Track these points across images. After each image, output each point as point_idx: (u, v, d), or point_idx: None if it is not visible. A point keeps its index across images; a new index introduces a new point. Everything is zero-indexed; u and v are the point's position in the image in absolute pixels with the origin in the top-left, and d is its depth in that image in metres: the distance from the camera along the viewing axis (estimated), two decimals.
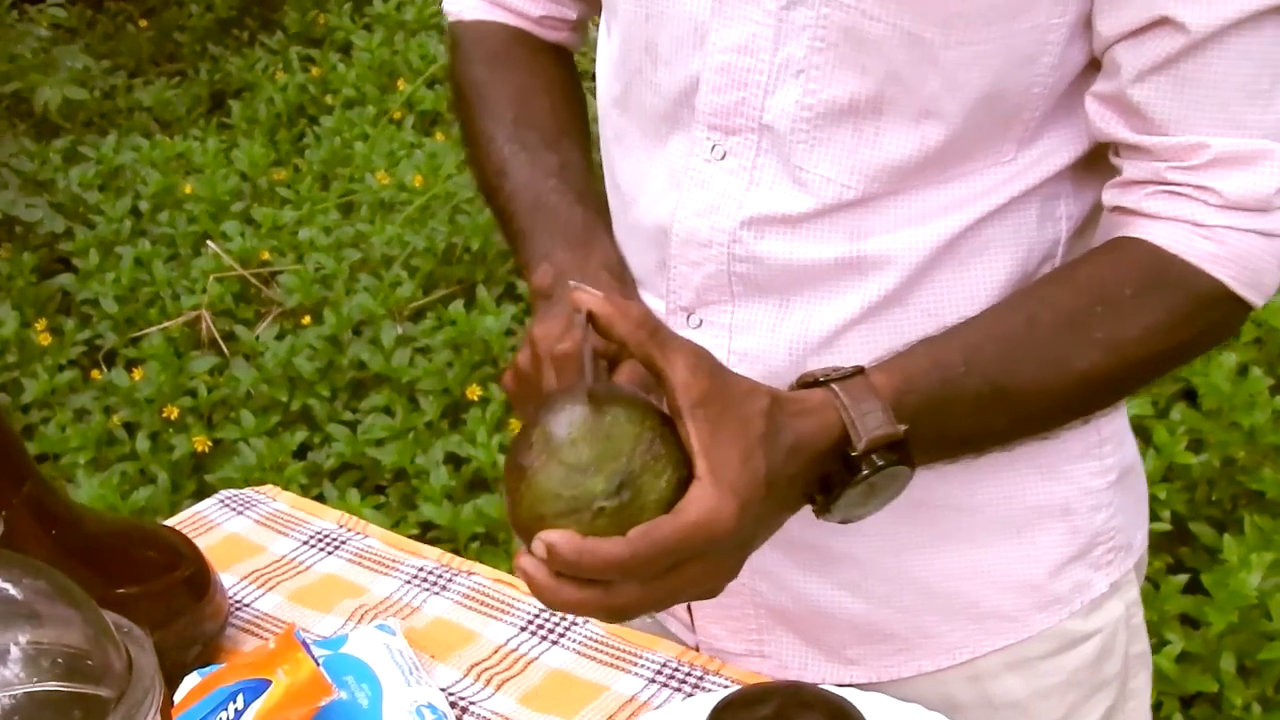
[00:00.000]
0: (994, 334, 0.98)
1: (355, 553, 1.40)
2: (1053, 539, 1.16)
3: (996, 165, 1.04)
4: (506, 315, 3.02)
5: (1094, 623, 1.20)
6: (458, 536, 2.51)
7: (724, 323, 1.10)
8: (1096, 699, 1.23)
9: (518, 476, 0.90)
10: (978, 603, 1.17)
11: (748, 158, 1.06)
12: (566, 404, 0.90)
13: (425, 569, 1.37)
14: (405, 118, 4.30)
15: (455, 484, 2.64)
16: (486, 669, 1.24)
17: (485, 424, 2.72)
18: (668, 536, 0.85)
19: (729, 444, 0.87)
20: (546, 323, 1.06)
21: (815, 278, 1.06)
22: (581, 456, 0.87)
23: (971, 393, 0.96)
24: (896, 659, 1.20)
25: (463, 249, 3.36)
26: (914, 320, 1.06)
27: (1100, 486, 1.17)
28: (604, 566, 0.85)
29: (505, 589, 1.33)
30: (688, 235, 1.09)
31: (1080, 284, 1.00)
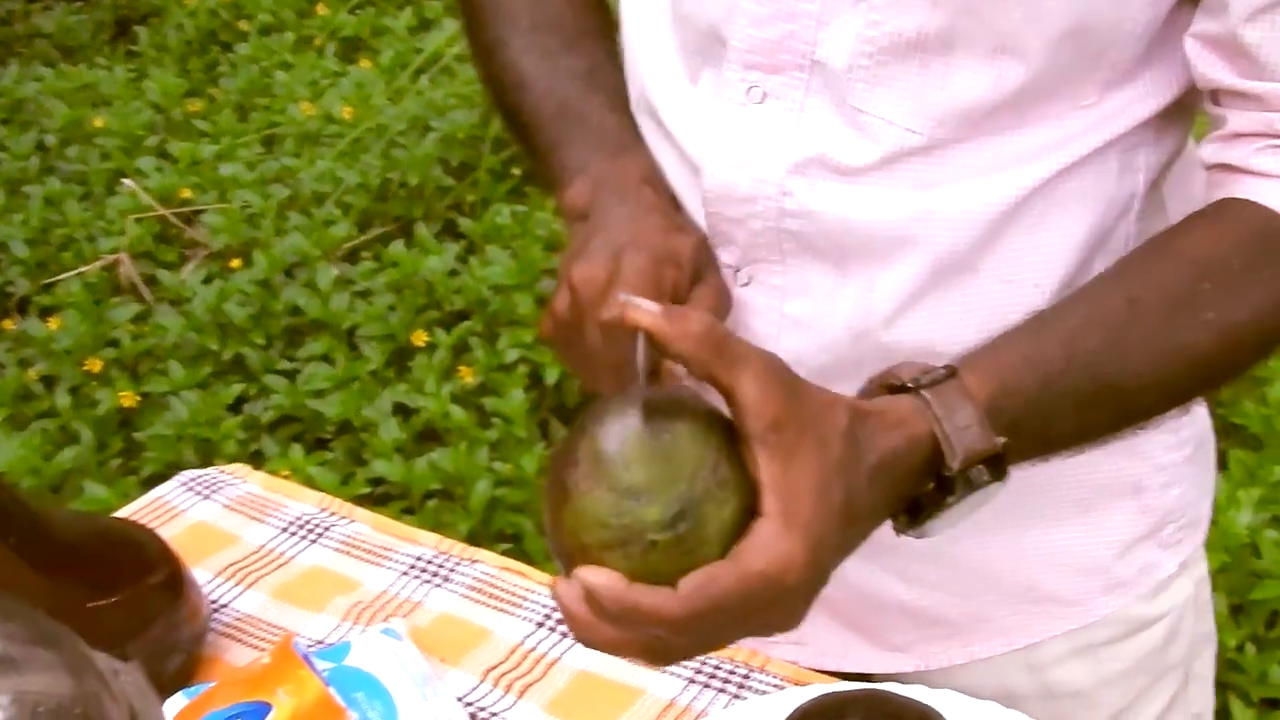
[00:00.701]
0: (1094, 320, 0.86)
1: (342, 540, 1.27)
2: (1122, 519, 1.07)
3: (1078, 110, 0.92)
4: (449, 254, 2.87)
5: (1161, 605, 1.11)
6: (411, 494, 2.39)
7: (775, 284, 0.98)
8: (1162, 685, 1.14)
9: (560, 496, 0.77)
10: (1038, 586, 1.08)
11: (795, 100, 0.93)
12: (619, 414, 0.76)
13: (423, 558, 1.23)
14: (326, 44, 4.11)
15: (405, 436, 2.50)
16: (505, 673, 1.12)
17: (434, 371, 2.59)
18: (728, 590, 0.72)
19: (803, 475, 0.74)
20: (587, 263, 0.93)
21: (876, 238, 0.94)
22: (635, 480, 0.74)
23: (1074, 391, 0.84)
24: (948, 644, 1.10)
25: (399, 184, 3.21)
26: (986, 288, 0.95)
27: (1175, 461, 1.07)
28: (652, 619, 0.73)
29: (514, 579, 1.21)
30: (724, 190, 0.96)
31: (1185, 258, 0.88)
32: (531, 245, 2.80)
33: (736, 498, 0.75)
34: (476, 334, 2.68)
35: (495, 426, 2.48)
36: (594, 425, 0.77)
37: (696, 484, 0.74)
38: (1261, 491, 2.29)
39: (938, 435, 0.79)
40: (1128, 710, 1.12)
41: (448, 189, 3.20)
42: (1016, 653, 1.10)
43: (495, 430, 2.47)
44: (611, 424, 0.76)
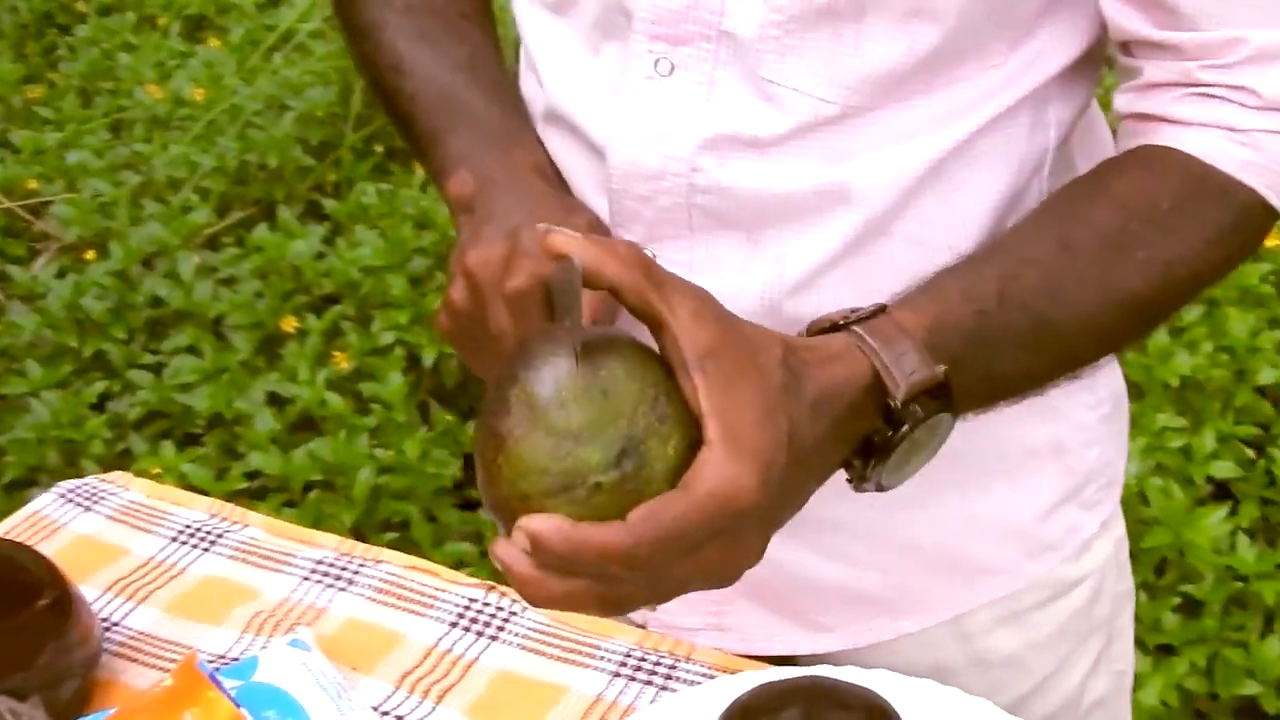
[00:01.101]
0: (1026, 260, 0.84)
1: (236, 547, 1.20)
2: (1045, 481, 1.06)
3: (987, 70, 0.91)
4: (315, 237, 2.79)
5: (1084, 566, 1.10)
6: (291, 486, 2.31)
7: (682, 260, 0.94)
8: (1087, 645, 1.14)
9: (494, 446, 0.72)
10: (965, 556, 1.06)
11: (703, 72, 0.89)
12: (550, 356, 0.72)
13: (324, 561, 1.18)
14: (170, 24, 3.98)
15: (280, 427, 2.43)
16: (421, 678, 1.07)
17: (306, 358, 2.51)
18: (679, 517, 0.69)
19: (745, 401, 0.71)
20: (481, 248, 0.89)
21: (789, 209, 0.91)
22: (573, 421, 0.70)
23: (1011, 328, 0.82)
24: (876, 622, 1.08)
25: (257, 166, 3.11)
26: (899, 252, 0.93)
27: (1093, 420, 1.07)
28: (602, 558, 0.68)
29: (423, 578, 1.16)
30: (631, 167, 0.92)
31: (1114, 198, 0.87)
32: (400, 224, 2.73)
33: (680, 432, 0.71)
34: (349, 318, 2.61)
35: (374, 412, 2.41)
36: (524, 370, 0.73)
37: (638, 420, 0.71)
38: (1146, 440, 2.31)
39: (877, 366, 0.77)
40: (1057, 673, 1.11)
41: (309, 169, 3.11)
42: (945, 625, 1.08)
43: (374, 416, 2.41)
44: (543, 366, 0.72)
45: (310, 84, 3.30)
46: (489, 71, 1.01)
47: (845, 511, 1.01)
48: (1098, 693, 1.14)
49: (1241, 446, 2.27)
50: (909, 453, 0.80)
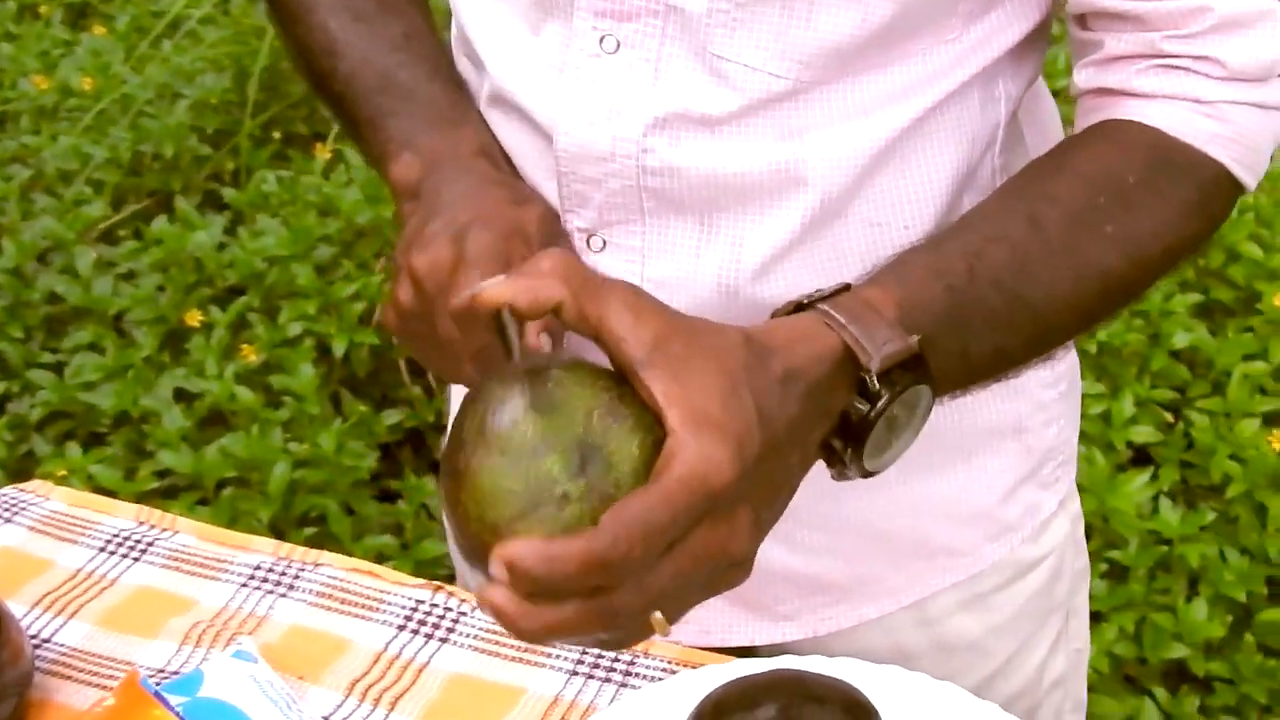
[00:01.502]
0: (995, 236, 0.82)
1: (168, 555, 1.16)
2: (1004, 461, 1.04)
3: (943, 44, 0.89)
4: (216, 227, 2.72)
5: (1044, 546, 1.09)
6: (204, 483, 2.25)
7: (634, 245, 0.92)
8: (1048, 625, 1.13)
9: (455, 484, 0.69)
10: (925, 540, 1.04)
11: (650, 49, 0.87)
12: (498, 387, 0.70)
13: (262, 566, 1.14)
14: (53, 12, 3.87)
15: (189, 424, 2.36)
16: (371, 685, 1.04)
17: (213, 352, 2.45)
18: (652, 508, 0.64)
19: (704, 384, 0.67)
20: (428, 251, 0.85)
21: (744, 190, 0.89)
22: (527, 436, 0.67)
23: (983, 303, 0.80)
24: (836, 610, 1.06)
25: (152, 157, 3.03)
26: (856, 234, 0.91)
27: (1052, 398, 1.06)
28: (583, 568, 0.64)
29: (366, 581, 1.12)
30: (580, 149, 0.89)
31: (1080, 173, 0.85)
32: (304, 212, 2.67)
33: (643, 430, 0.68)
34: (255, 309, 2.55)
35: (286, 405, 2.36)
36: (473, 404, 0.70)
37: (593, 424, 0.67)
38: None
39: (847, 340, 0.73)
40: (1018, 654, 1.10)
41: (206, 158, 3.03)
42: (906, 611, 1.06)
43: (286, 409, 2.35)
44: (492, 398, 0.69)
45: (203, 71, 3.22)
46: (427, 50, 0.97)
47: (802, 498, 0.99)
48: (1057, 671, 1.13)
49: (1159, 410, 2.29)
50: (890, 432, 0.77)
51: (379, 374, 2.56)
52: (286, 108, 3.14)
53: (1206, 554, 2.06)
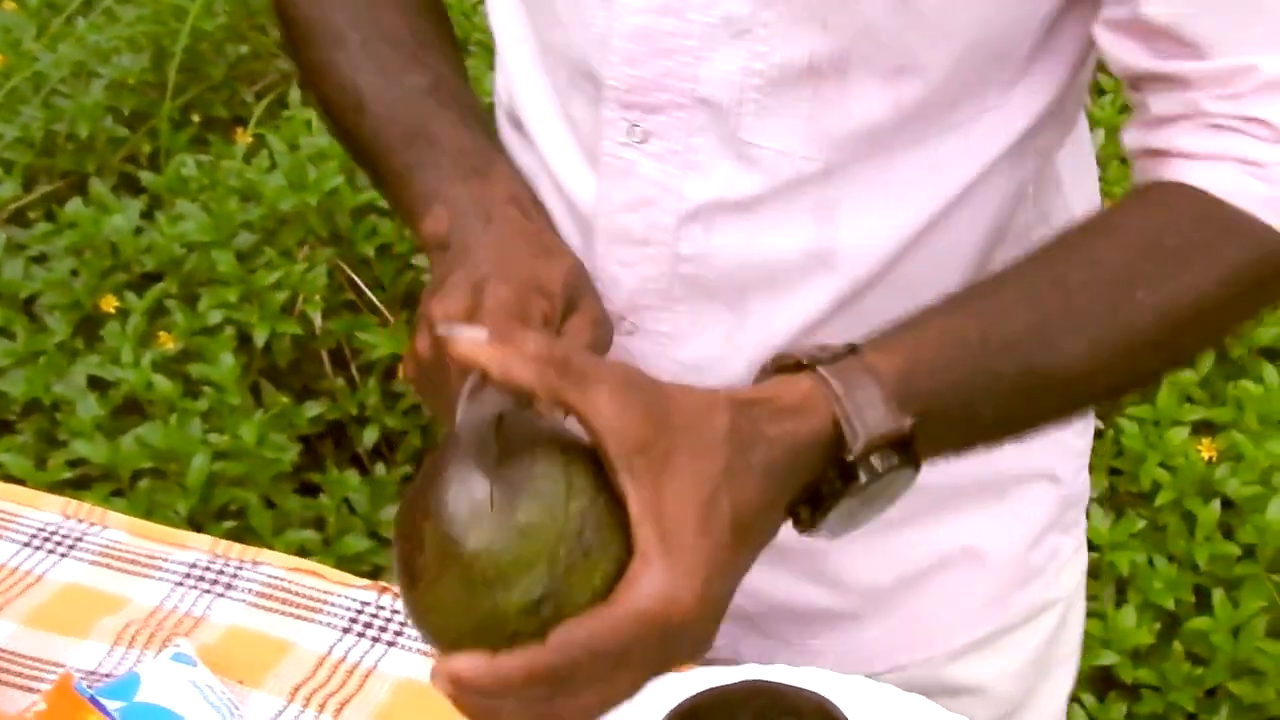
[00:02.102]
0: (1017, 298, 0.78)
1: (98, 551, 1.11)
2: (1038, 510, 1.03)
3: (980, 114, 0.86)
4: (133, 211, 2.63)
5: (1056, 590, 1.07)
6: (119, 474, 2.18)
7: (663, 330, 0.90)
8: (1055, 675, 1.11)
9: (409, 580, 0.69)
10: (967, 592, 1.02)
11: (678, 139, 0.85)
12: (463, 483, 0.67)
13: (198, 564, 1.09)
14: None
15: (103, 412, 2.29)
16: (315, 690, 1.00)
17: (128, 339, 2.37)
18: (599, 634, 0.65)
19: (680, 498, 0.66)
20: (445, 300, 0.82)
21: (776, 273, 0.87)
22: (487, 570, 0.66)
23: (993, 372, 0.76)
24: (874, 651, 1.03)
25: (65, 137, 2.94)
26: (885, 303, 0.86)
27: (1083, 447, 1.03)
28: (528, 681, 0.66)
29: (308, 580, 1.08)
30: (618, 232, 0.88)
31: (1115, 236, 0.81)
32: (225, 197, 2.60)
33: (610, 554, 0.67)
34: (173, 296, 2.48)
35: (205, 395, 2.29)
36: (436, 500, 0.67)
37: (558, 561, 0.66)
38: None
39: (838, 416, 0.71)
40: (1024, 705, 1.08)
41: (122, 140, 2.95)
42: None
43: (205, 399, 2.28)
44: (456, 498, 0.67)
45: (119, 50, 3.13)
46: (456, 98, 0.93)
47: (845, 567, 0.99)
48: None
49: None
50: (862, 505, 0.74)
51: (300, 365, 2.51)
52: (206, 90, 3.07)
53: (1135, 561, 2.06)
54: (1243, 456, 2.13)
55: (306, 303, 2.43)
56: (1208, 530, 2.07)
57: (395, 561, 0.70)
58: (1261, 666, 1.94)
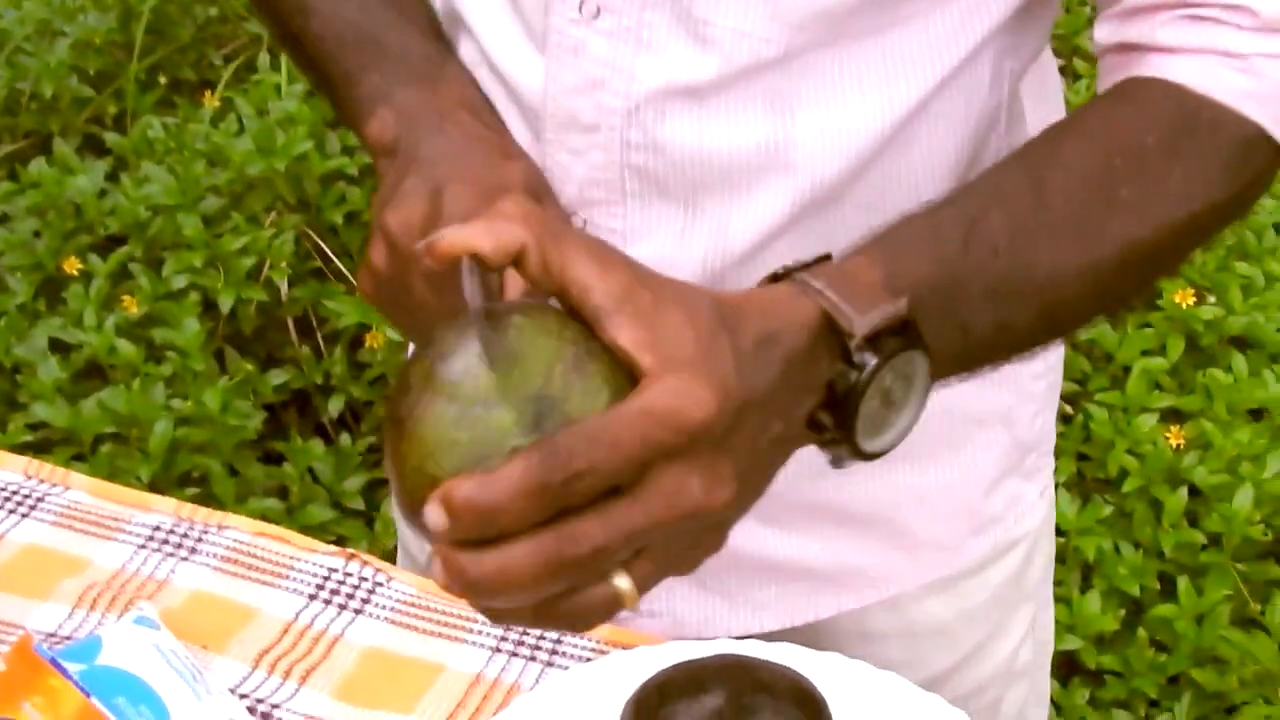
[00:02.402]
0: (994, 203, 0.75)
1: (59, 512, 1.09)
2: (992, 454, 1.01)
3: (936, 7, 0.83)
4: (98, 173, 2.60)
5: (1019, 529, 1.06)
6: (80, 438, 2.16)
7: (615, 227, 0.87)
8: (1019, 613, 1.10)
9: (395, 431, 0.63)
10: (908, 532, 1.01)
11: (630, 14, 0.82)
12: (453, 333, 0.64)
13: (161, 527, 1.07)
14: None
15: (65, 376, 2.26)
16: (280, 656, 0.98)
17: (91, 302, 2.34)
18: (618, 427, 0.58)
19: (677, 332, 0.61)
20: (401, 209, 0.80)
21: (731, 170, 0.84)
22: (480, 385, 0.61)
23: (981, 271, 0.73)
24: (815, 599, 1.02)
25: (29, 96, 2.90)
26: (849, 217, 0.86)
27: (1041, 389, 1.02)
28: (531, 488, 0.57)
29: (274, 546, 1.06)
30: (566, 118, 0.85)
31: (1094, 135, 0.78)
32: (191, 161, 2.57)
33: (609, 388, 0.62)
34: (137, 260, 2.45)
35: (169, 361, 2.26)
36: (425, 349, 0.64)
37: (554, 377, 0.61)
38: None
39: (825, 306, 0.67)
40: (988, 643, 1.07)
41: (87, 100, 2.91)
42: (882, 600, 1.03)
43: (169, 365, 2.26)
44: (444, 343, 0.63)
45: (84, 9, 3.09)
46: (404, 3, 0.91)
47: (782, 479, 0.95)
48: (1023, 662, 1.10)
49: (1060, 402, 2.28)
50: (886, 408, 0.70)
51: (266, 332, 2.48)
52: (174, 52, 3.03)
53: (1101, 547, 2.06)
54: (1211, 445, 2.13)
55: (273, 269, 2.40)
56: (1174, 518, 2.07)
57: (384, 433, 0.64)
58: (1225, 655, 1.94)
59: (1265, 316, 2.34)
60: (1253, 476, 2.06)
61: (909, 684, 0.93)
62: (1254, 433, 2.14)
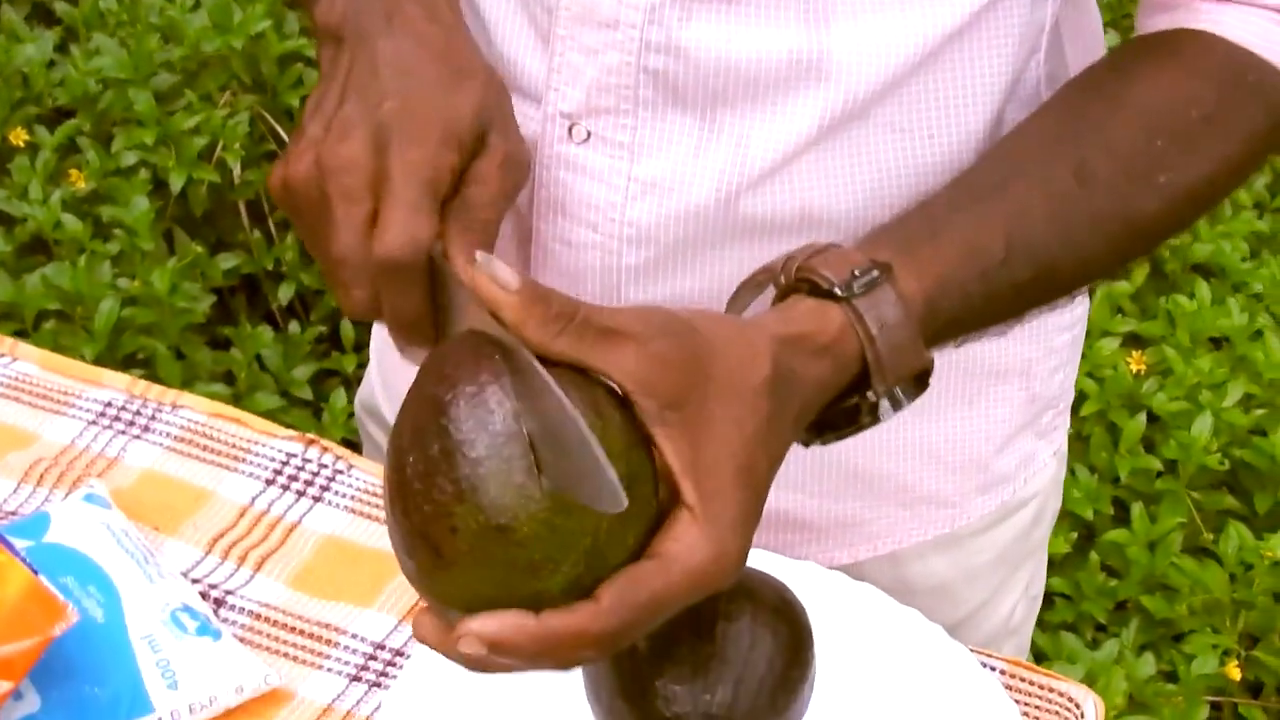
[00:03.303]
0: (1040, 196, 0.76)
1: (7, 383, 1.05)
2: (1006, 409, 0.97)
3: None
4: (46, 43, 2.51)
5: (1031, 488, 1.02)
6: (23, 315, 2.10)
7: (623, 140, 0.82)
8: (1020, 572, 1.06)
9: (429, 559, 0.61)
10: (912, 486, 0.97)
11: None
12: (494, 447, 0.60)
13: (113, 404, 1.03)
14: None
15: (8, 248, 2.20)
16: (235, 542, 0.95)
17: (38, 175, 2.26)
18: (656, 594, 0.62)
19: (720, 455, 0.63)
20: (343, 144, 0.71)
21: (756, 81, 0.80)
22: (533, 556, 0.60)
23: (1013, 281, 0.75)
24: (807, 550, 0.98)
25: None
26: (876, 140, 0.82)
27: (1064, 343, 0.98)
28: (576, 644, 0.61)
29: (230, 428, 1.02)
30: (583, 10, 0.79)
31: (1138, 111, 0.78)
32: (145, 34, 2.47)
33: (646, 504, 0.62)
34: (86, 134, 2.37)
35: (116, 239, 2.20)
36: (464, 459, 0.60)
37: (601, 536, 0.61)
38: None
39: (868, 357, 0.69)
40: (988, 604, 1.04)
41: None
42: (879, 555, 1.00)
43: (116, 243, 2.19)
44: (488, 464, 0.59)
45: None
46: None
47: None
48: (1018, 619, 1.07)
49: None
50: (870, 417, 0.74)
51: (216, 215, 2.41)
52: None
53: None
54: (1171, 372, 2.12)
55: (226, 150, 2.33)
56: (1131, 443, 2.06)
57: (405, 523, 0.62)
58: (1175, 582, 1.94)
59: (1231, 245, 2.32)
60: (1212, 405, 2.05)
61: (885, 595, 0.91)
62: (1215, 361, 2.13)
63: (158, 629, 0.84)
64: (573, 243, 0.85)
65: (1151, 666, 1.84)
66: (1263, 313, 2.24)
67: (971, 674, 0.87)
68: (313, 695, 0.87)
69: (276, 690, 0.86)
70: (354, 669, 0.88)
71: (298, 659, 0.88)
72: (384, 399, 1.07)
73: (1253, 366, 2.12)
